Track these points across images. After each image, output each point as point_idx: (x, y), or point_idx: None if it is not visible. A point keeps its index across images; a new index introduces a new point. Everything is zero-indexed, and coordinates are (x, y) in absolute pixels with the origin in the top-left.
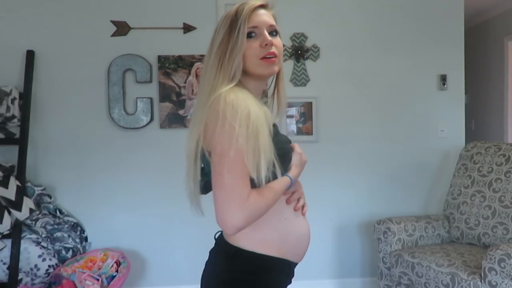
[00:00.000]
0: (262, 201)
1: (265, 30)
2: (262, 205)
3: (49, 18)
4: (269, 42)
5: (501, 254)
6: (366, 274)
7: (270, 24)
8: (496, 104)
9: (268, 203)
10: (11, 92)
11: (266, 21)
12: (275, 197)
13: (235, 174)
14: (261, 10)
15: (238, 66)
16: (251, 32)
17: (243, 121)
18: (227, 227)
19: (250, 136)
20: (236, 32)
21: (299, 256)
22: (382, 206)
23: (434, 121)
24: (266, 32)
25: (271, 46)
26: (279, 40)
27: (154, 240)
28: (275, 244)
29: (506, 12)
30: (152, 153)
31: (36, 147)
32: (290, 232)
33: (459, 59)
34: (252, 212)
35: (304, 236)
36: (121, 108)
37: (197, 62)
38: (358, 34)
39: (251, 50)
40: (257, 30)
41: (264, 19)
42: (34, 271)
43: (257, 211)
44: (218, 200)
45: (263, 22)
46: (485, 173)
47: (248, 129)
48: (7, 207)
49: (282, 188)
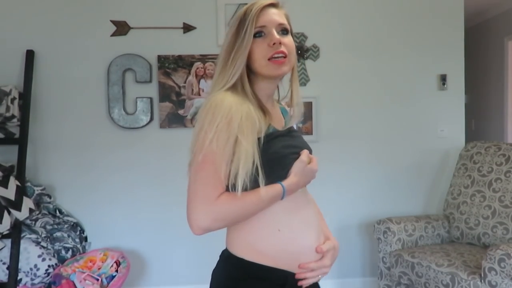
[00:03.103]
0: (233, 205)
1: (274, 29)
2: (233, 209)
3: (49, 18)
4: (277, 40)
5: (501, 254)
6: (366, 274)
7: (279, 23)
8: (496, 104)
9: (243, 208)
10: (10, 92)
11: (275, 20)
12: (257, 203)
13: (202, 176)
14: (271, 9)
15: (239, 67)
16: (259, 31)
17: (221, 126)
18: (192, 226)
19: (227, 142)
20: (243, 33)
21: (295, 259)
22: (382, 206)
23: (434, 121)
24: (274, 31)
25: (279, 45)
26: (290, 39)
27: (154, 240)
28: (268, 255)
29: (506, 12)
30: (152, 153)
31: (35, 147)
32: (286, 243)
33: (459, 59)
34: (218, 215)
35: (306, 249)
36: (121, 108)
37: (197, 62)
38: (358, 34)
39: (258, 50)
40: (266, 30)
41: (273, 18)
42: (34, 271)
43: (226, 215)
44: (187, 200)
45: (271, 21)
46: (485, 173)
47: (226, 134)
48: (7, 207)
49: (268, 195)
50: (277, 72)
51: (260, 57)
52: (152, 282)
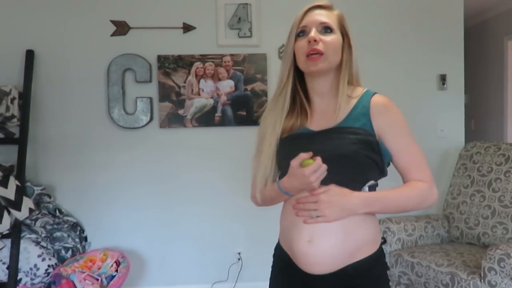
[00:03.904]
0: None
1: (315, 28)
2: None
3: (48, 18)
4: (311, 38)
5: (501, 254)
6: None
7: (320, 22)
8: (495, 104)
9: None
10: (10, 92)
11: (316, 20)
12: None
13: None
14: (316, 10)
15: (286, 67)
16: (302, 31)
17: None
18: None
19: (255, 156)
20: (289, 34)
21: (288, 247)
22: None
23: (434, 121)
24: (313, 29)
25: (314, 42)
26: (332, 37)
27: (154, 240)
28: (280, 235)
29: (506, 12)
30: (152, 153)
31: (35, 147)
32: (284, 232)
33: (459, 59)
34: (252, 197)
35: (295, 242)
36: (121, 108)
37: (196, 62)
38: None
39: (299, 48)
40: (307, 29)
41: (314, 18)
42: (34, 271)
43: (253, 198)
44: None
45: (313, 21)
46: (485, 172)
47: (256, 149)
48: (7, 207)
49: (270, 188)
50: (311, 69)
51: (300, 54)
52: (152, 282)
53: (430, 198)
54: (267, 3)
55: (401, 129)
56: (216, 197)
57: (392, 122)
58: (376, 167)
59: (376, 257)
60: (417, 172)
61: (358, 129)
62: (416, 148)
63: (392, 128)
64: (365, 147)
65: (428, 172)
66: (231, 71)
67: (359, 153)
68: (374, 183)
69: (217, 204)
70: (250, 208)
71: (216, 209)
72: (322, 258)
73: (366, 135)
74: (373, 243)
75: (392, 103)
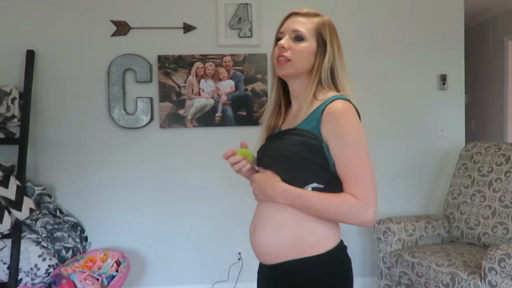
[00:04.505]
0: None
1: (288, 35)
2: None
3: (49, 18)
4: (280, 45)
5: (501, 254)
6: (366, 274)
7: (293, 29)
8: (496, 104)
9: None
10: (11, 92)
11: (290, 27)
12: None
13: None
14: (296, 17)
15: (271, 73)
16: (279, 37)
17: None
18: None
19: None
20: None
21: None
22: (382, 206)
23: (434, 121)
24: (286, 36)
25: (282, 49)
26: (301, 45)
27: (154, 240)
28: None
29: (506, 12)
30: (152, 153)
31: (36, 147)
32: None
33: (459, 59)
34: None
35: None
36: (121, 108)
37: (197, 62)
38: (357, 34)
39: (273, 53)
40: (282, 35)
41: (290, 25)
42: (34, 271)
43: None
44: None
45: (287, 28)
46: (485, 173)
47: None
48: (7, 207)
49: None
50: (278, 73)
51: (273, 59)
52: (152, 282)
53: (359, 217)
54: (267, 3)
55: (344, 140)
56: (217, 197)
57: (335, 132)
58: (320, 170)
59: (318, 262)
60: (351, 186)
61: (306, 132)
62: (359, 164)
63: (334, 138)
64: (306, 149)
65: (367, 190)
66: (231, 71)
67: (298, 154)
68: (319, 186)
69: (218, 204)
70: (250, 208)
71: (216, 209)
72: (260, 248)
73: (311, 138)
74: (314, 247)
75: (345, 114)
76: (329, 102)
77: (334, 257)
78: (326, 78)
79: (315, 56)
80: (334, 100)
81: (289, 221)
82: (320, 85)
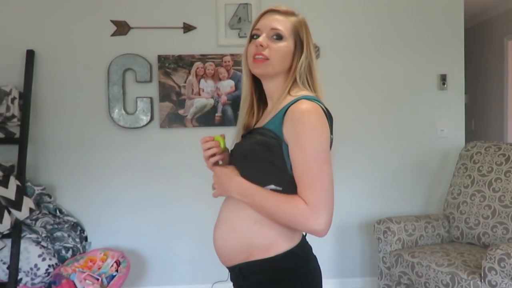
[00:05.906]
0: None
1: (266, 33)
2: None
3: (49, 18)
4: (258, 43)
5: (501, 253)
6: (366, 274)
7: (272, 28)
8: (496, 104)
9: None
10: (11, 92)
11: (268, 25)
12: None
13: None
14: (274, 15)
15: (244, 71)
16: (255, 34)
17: None
18: None
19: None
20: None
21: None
22: (382, 206)
23: (434, 121)
24: (264, 34)
25: (260, 47)
26: (280, 45)
27: (154, 240)
28: None
29: (506, 12)
30: (152, 153)
31: (36, 147)
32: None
33: (459, 59)
34: None
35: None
36: (121, 108)
37: (197, 61)
38: (358, 34)
39: (249, 50)
40: (259, 32)
41: (267, 22)
42: (34, 270)
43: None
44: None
45: (265, 25)
46: (485, 172)
47: None
48: (7, 206)
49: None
50: (255, 71)
51: (249, 56)
52: (152, 282)
53: (308, 223)
54: (267, 3)
55: (301, 142)
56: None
57: (293, 133)
58: (279, 172)
59: (265, 266)
60: (303, 191)
61: (268, 131)
62: (313, 168)
63: (292, 139)
64: (265, 149)
65: (319, 197)
66: (231, 71)
67: (257, 153)
68: (277, 188)
69: (218, 204)
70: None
71: (216, 208)
72: (216, 249)
73: (271, 137)
74: (263, 250)
75: (306, 114)
76: (294, 101)
77: (283, 261)
78: (302, 78)
79: (292, 56)
80: (300, 100)
81: (243, 223)
82: (296, 84)
